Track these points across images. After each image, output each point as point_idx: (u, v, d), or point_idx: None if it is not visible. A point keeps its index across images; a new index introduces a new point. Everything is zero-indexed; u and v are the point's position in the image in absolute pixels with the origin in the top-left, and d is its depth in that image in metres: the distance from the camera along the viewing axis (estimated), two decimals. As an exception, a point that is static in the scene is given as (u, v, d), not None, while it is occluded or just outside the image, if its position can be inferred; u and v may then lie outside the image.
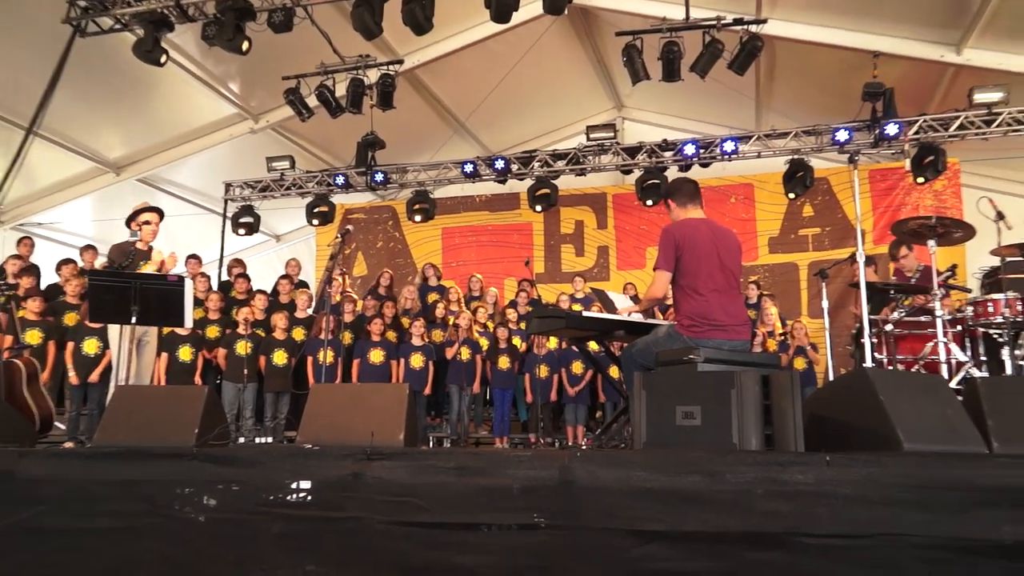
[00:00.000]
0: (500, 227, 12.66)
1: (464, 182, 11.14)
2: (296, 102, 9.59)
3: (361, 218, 13.20)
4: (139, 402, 3.97)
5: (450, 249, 12.81)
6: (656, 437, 3.43)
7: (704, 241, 4.30)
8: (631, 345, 4.56)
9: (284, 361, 8.26)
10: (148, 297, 5.10)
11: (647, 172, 10.15)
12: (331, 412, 3.85)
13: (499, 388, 8.62)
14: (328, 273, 6.05)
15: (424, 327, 8.62)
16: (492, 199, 12.68)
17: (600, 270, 12.13)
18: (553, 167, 10.54)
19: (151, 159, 10.91)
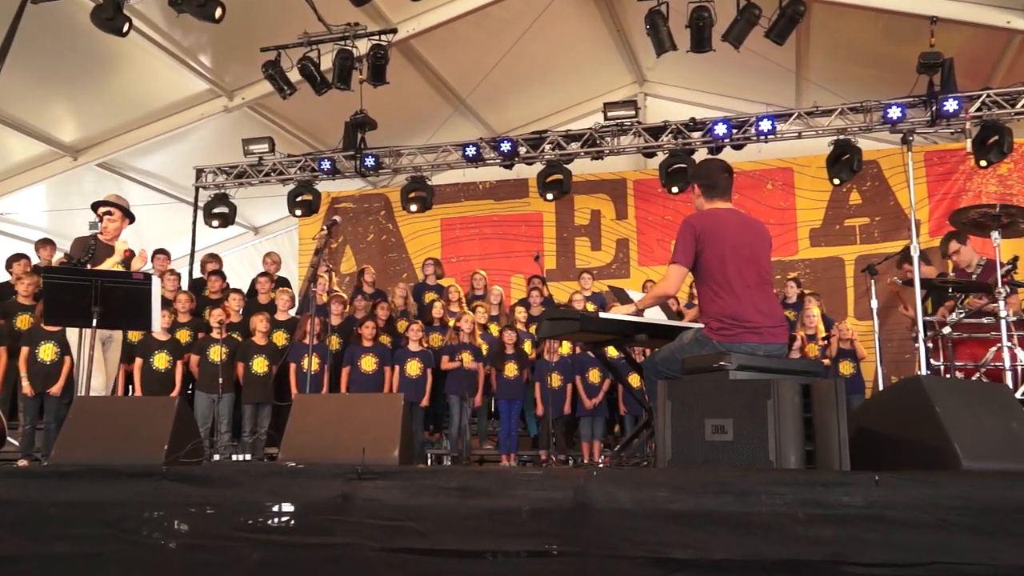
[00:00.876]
0: (506, 218, 12.68)
1: (466, 167, 11.16)
2: (276, 77, 9.63)
3: (350, 208, 13.24)
4: (102, 415, 3.99)
5: (450, 242, 12.83)
6: (683, 454, 3.43)
7: (730, 233, 4.31)
8: (653, 355, 4.57)
9: (264, 369, 8.30)
10: (111, 297, 5.13)
11: (672, 155, 10.15)
12: (317, 426, 3.87)
13: (505, 399, 8.64)
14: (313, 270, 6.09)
15: (422, 330, 8.65)
16: (497, 186, 12.70)
17: (619, 266, 12.14)
18: (566, 150, 10.55)
19: (112, 142, 10.96)
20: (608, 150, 10.50)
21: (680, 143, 10.14)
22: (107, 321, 5.18)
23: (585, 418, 8.55)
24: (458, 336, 8.62)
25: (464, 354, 8.48)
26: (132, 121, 10.76)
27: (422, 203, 11.14)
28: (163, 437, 3.79)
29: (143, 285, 5.25)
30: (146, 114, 10.70)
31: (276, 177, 11.49)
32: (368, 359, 8.45)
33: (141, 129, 10.85)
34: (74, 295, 5.13)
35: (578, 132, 10.60)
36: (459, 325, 8.63)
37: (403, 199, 11.21)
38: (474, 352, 8.59)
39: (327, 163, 11.09)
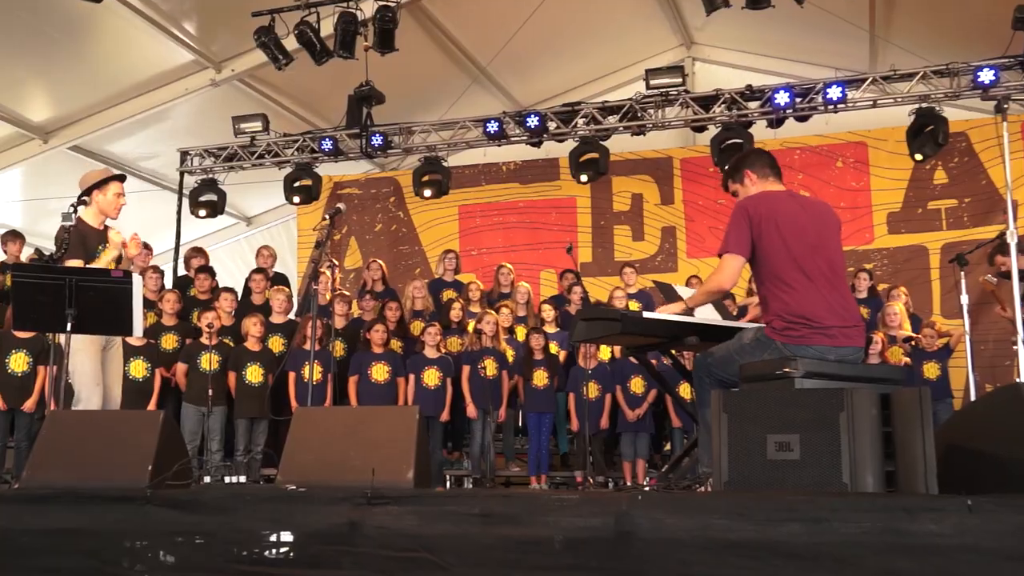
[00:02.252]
0: (534, 204, 12.68)
1: (487, 145, 11.16)
2: (270, 45, 9.68)
3: (355, 194, 13.30)
4: (78, 431, 4.04)
5: (469, 233, 12.86)
6: (741, 475, 3.42)
7: (791, 216, 4.27)
8: (706, 355, 4.54)
9: (259, 379, 8.36)
10: (87, 298, 5.17)
11: (726, 129, 10.09)
12: (320, 444, 3.89)
13: (534, 412, 8.64)
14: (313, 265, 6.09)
15: (440, 334, 8.65)
16: (523, 167, 12.70)
17: (665, 258, 12.10)
18: (602, 124, 10.53)
19: (86, 122, 11.07)
20: (651, 124, 10.45)
21: (735, 115, 10.09)
22: (83, 325, 5.22)
23: (627, 434, 8.53)
24: (479, 340, 8.62)
25: (487, 361, 8.48)
26: (108, 98, 10.86)
27: (437, 188, 11.16)
28: (147, 456, 3.82)
29: (123, 284, 5.28)
30: (123, 90, 10.80)
31: (271, 160, 11.57)
32: (379, 367, 8.48)
33: (118, 107, 10.95)
34: (46, 296, 5.17)
35: (616, 104, 10.57)
36: (480, 327, 8.61)
37: (415, 183, 11.24)
38: (498, 358, 8.59)
39: (329, 143, 11.15)
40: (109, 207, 5.95)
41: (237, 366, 8.39)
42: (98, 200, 5.93)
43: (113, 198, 5.96)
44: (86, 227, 5.84)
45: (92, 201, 5.92)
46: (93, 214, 5.92)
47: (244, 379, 8.35)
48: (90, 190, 5.92)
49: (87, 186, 5.92)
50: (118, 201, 5.99)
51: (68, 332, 5.18)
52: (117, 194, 5.99)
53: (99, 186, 5.94)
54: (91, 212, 5.92)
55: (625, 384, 8.56)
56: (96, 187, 5.93)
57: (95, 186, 5.93)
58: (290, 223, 13.93)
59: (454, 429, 9.13)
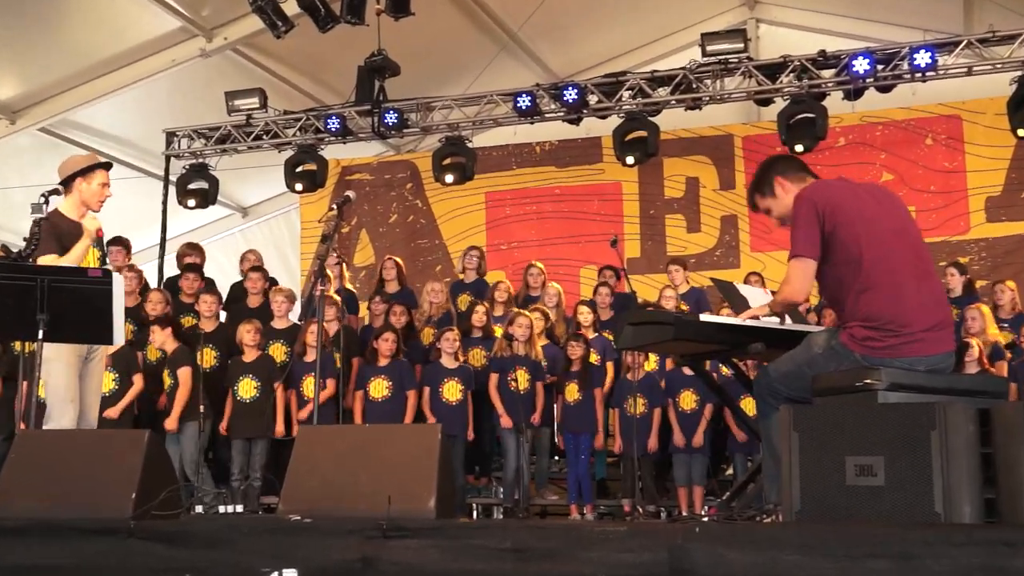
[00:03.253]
0: (572, 190, 12.67)
1: (518, 123, 11.15)
2: (267, 10, 9.72)
3: (366, 180, 13.35)
4: (52, 454, 4.08)
5: (497, 224, 12.87)
6: (815, 503, 3.40)
7: (864, 205, 4.24)
8: (768, 369, 4.51)
9: (253, 393, 8.39)
10: (61, 301, 5.21)
11: (796, 102, 10.03)
12: (328, 467, 3.91)
13: (572, 431, 8.63)
14: (319, 262, 6.10)
15: (458, 340, 8.65)
16: (560, 148, 12.69)
17: (725, 252, 12.04)
18: (652, 97, 10.49)
19: (59, 99, 11.16)
20: (708, 97, 10.40)
21: (805, 85, 10.02)
22: (57, 332, 5.24)
23: (681, 456, 8.49)
24: (510, 347, 8.60)
25: (519, 371, 8.47)
26: (84, 71, 10.94)
27: (460, 172, 11.16)
28: (130, 483, 3.85)
29: (101, 284, 5.31)
30: (102, 62, 10.87)
31: (269, 141, 11.62)
32: (379, 383, 8.42)
33: (95, 82, 11.03)
34: (14, 299, 5.20)
35: (668, 73, 10.53)
36: (511, 331, 8.59)
37: (435, 167, 11.25)
38: (531, 368, 8.57)
39: (336, 121, 11.18)
40: (92, 198, 5.95)
41: (230, 379, 8.43)
42: (80, 189, 5.91)
43: (98, 188, 5.94)
44: (62, 219, 5.84)
45: (74, 190, 5.92)
46: (73, 205, 5.92)
47: (236, 394, 8.38)
48: (72, 178, 5.92)
49: (69, 173, 5.94)
50: (103, 192, 5.97)
51: (40, 341, 5.19)
52: (102, 184, 5.97)
53: (83, 174, 5.93)
54: (71, 203, 5.92)
55: (677, 398, 8.52)
56: (80, 175, 5.92)
57: (78, 173, 5.93)
58: (292, 214, 14.00)
59: (480, 450, 9.13)
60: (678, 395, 8.51)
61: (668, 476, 8.76)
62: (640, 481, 8.14)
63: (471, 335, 9.09)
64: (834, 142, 10.60)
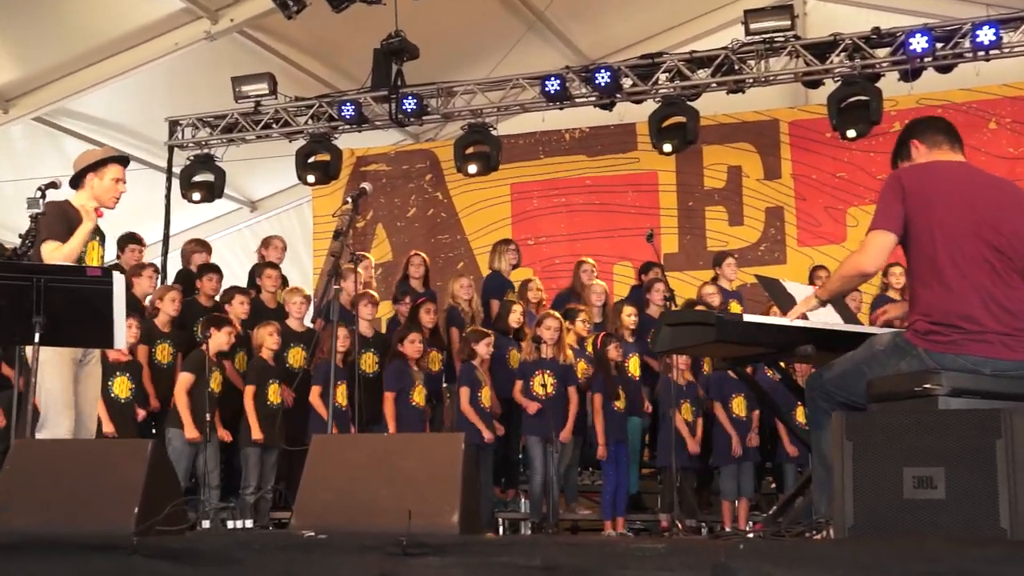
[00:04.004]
0: (605, 180, 12.65)
1: (546, 109, 11.14)
2: (277, -12, 9.77)
3: (383, 171, 13.39)
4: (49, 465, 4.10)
5: (524, 218, 12.87)
6: (871, 518, 3.39)
7: (956, 192, 4.20)
8: (821, 372, 4.49)
9: (278, 399, 8.42)
10: (58, 302, 5.23)
11: (847, 83, 9.97)
12: (344, 479, 3.91)
13: (612, 441, 8.62)
14: (334, 260, 6.13)
15: (490, 344, 8.64)
16: (592, 135, 12.68)
17: (771, 247, 12.00)
18: (690, 80, 10.46)
19: (54, 86, 11.20)
20: (752, 79, 10.37)
21: (858, 65, 9.95)
22: (55, 335, 5.26)
23: (726, 467, 8.47)
24: (537, 350, 8.60)
25: (544, 375, 8.46)
26: (81, 56, 10.97)
27: (484, 162, 11.15)
28: (133, 495, 3.86)
29: (101, 284, 5.33)
30: (100, 46, 10.91)
31: (279, 129, 11.66)
32: (422, 389, 8.50)
33: (93, 67, 11.07)
34: (8, 300, 5.22)
35: (708, 54, 10.50)
36: (539, 333, 8.58)
37: (457, 157, 11.25)
38: (559, 373, 8.56)
39: (350, 108, 11.21)
40: (105, 195, 5.95)
41: (260, 381, 8.44)
42: (92, 185, 5.93)
43: (111, 184, 5.94)
44: (73, 210, 5.84)
45: (86, 186, 5.93)
46: (87, 199, 5.93)
47: (266, 398, 8.41)
48: (83, 173, 5.94)
49: (81, 167, 5.97)
50: (116, 188, 5.97)
51: (36, 344, 5.20)
52: (116, 179, 5.96)
53: (94, 168, 5.94)
54: (83, 198, 5.93)
55: (724, 404, 8.50)
56: (91, 169, 5.94)
57: (89, 168, 5.94)
58: (304, 208, 14.05)
59: (507, 461, 9.13)
60: (725, 401, 8.49)
61: (711, 488, 8.73)
62: (680, 494, 8.11)
63: (508, 335, 9.05)
64: (889, 127, 10.52)
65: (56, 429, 5.59)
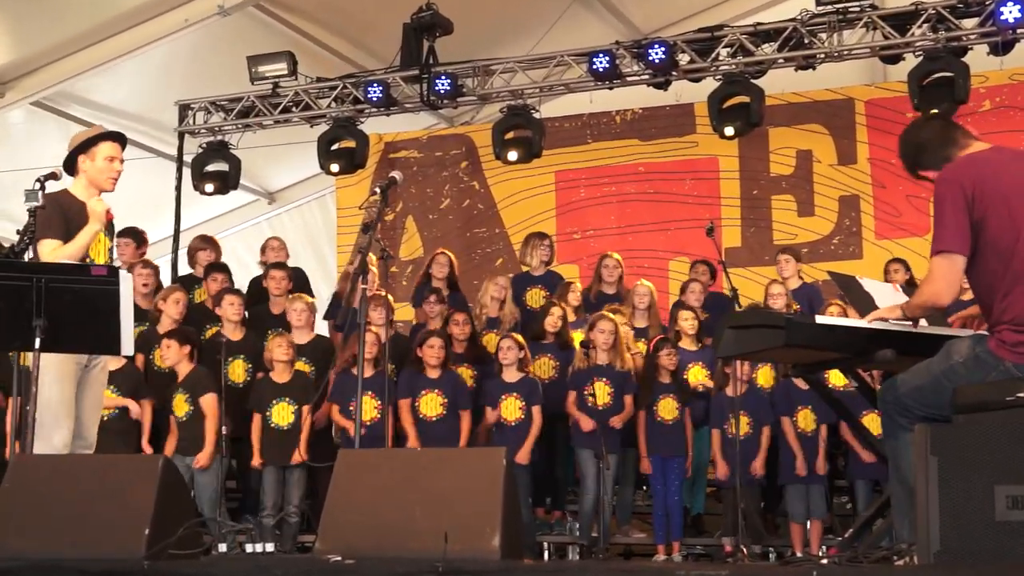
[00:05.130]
0: (660, 167, 12.62)
1: (594, 88, 11.14)
2: (297, -42, 9.82)
3: (413, 158, 13.41)
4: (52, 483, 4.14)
5: (570, 209, 12.87)
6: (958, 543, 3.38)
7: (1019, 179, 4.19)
8: (896, 381, 4.48)
9: (290, 419, 8.45)
10: (60, 304, 5.26)
11: (930, 58, 9.90)
12: (374, 499, 3.93)
13: (662, 455, 8.62)
14: (361, 256, 6.15)
15: (523, 348, 8.64)
16: (645, 117, 12.66)
17: (845, 239, 11.94)
18: (754, 55, 10.43)
19: (55, 67, 11.25)
20: (824, 54, 10.31)
21: (942, 38, 9.87)
22: (56, 340, 5.29)
23: (795, 485, 8.44)
24: (588, 356, 8.60)
25: (598, 384, 8.46)
26: (84, 35, 11.01)
27: (526, 148, 11.16)
28: (143, 516, 3.90)
29: (106, 284, 5.37)
30: (102, 24, 10.95)
31: (300, 113, 11.72)
32: (432, 398, 8.47)
33: (97, 47, 11.10)
34: (6, 302, 5.26)
35: (774, 26, 10.45)
36: (591, 337, 8.58)
37: (496, 142, 11.26)
38: (615, 381, 8.56)
39: (377, 89, 11.21)
40: (99, 175, 5.99)
41: (260, 404, 8.50)
42: (85, 168, 5.98)
43: (104, 164, 5.98)
44: (71, 200, 5.91)
45: (79, 169, 5.98)
46: (83, 187, 5.99)
47: (269, 421, 8.46)
48: (74, 156, 5.97)
49: (71, 150, 5.99)
50: (111, 168, 6.00)
51: (37, 350, 5.24)
52: (109, 158, 5.99)
53: (84, 149, 5.98)
54: (81, 184, 6.00)
55: (791, 416, 8.46)
56: (81, 151, 5.98)
57: (78, 149, 5.97)
58: (327, 200, 14.11)
59: (551, 478, 9.13)
60: (795, 412, 8.45)
61: (778, 509, 8.70)
62: (744, 516, 8.09)
63: (543, 340, 9.08)
64: (978, 106, 10.47)
65: (52, 440, 5.59)
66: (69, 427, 5.74)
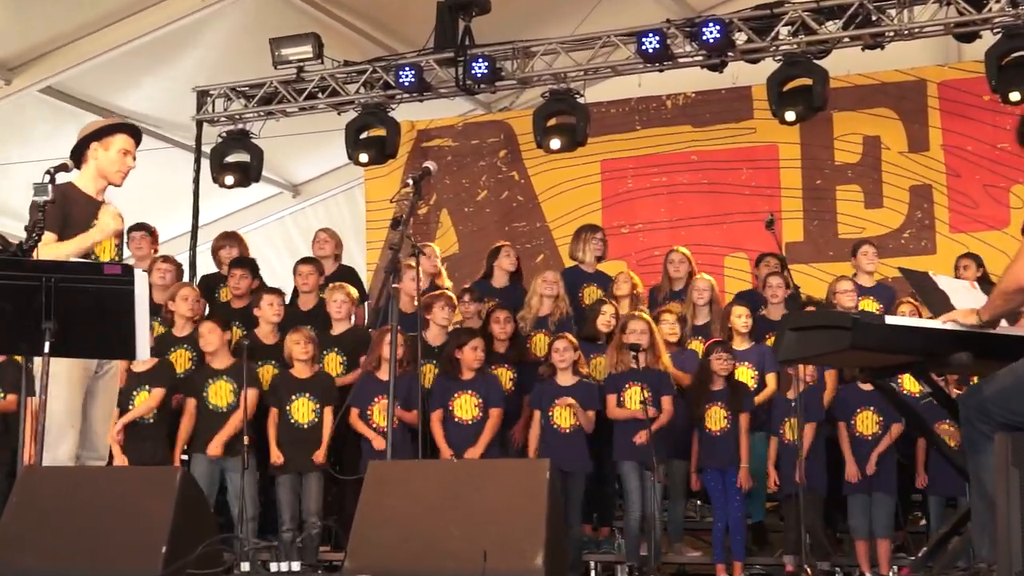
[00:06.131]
0: (715, 155, 12.60)
1: (644, 71, 11.12)
2: (323, -67, 9.86)
3: (448, 147, 13.43)
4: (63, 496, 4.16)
5: (617, 201, 12.86)
6: (1044, 562, 3.35)
7: None
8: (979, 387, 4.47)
9: (310, 417, 8.48)
10: (72, 305, 5.29)
11: (1010, 35, 9.82)
12: (406, 514, 3.93)
13: (716, 467, 8.59)
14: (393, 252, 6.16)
15: (576, 349, 8.64)
16: (698, 102, 12.64)
17: (917, 232, 11.88)
18: (817, 33, 10.37)
19: (64, 52, 11.33)
20: (893, 31, 10.26)
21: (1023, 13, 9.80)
22: (67, 343, 5.31)
23: (859, 497, 8.39)
24: (637, 359, 8.58)
25: (633, 388, 8.44)
26: (95, 20, 11.10)
27: (569, 136, 11.14)
28: (160, 531, 3.92)
29: (120, 283, 5.39)
30: (116, 8, 11.03)
31: (326, 100, 11.76)
32: (466, 400, 8.47)
33: (108, 30, 11.18)
34: (13, 303, 5.28)
35: (838, 2, 10.37)
36: (624, 339, 8.55)
37: (537, 130, 11.24)
38: (654, 385, 8.53)
39: (409, 73, 11.23)
40: (110, 168, 6.01)
41: (278, 399, 8.53)
42: (96, 157, 5.99)
43: (117, 156, 5.99)
44: (76, 193, 5.93)
45: (89, 158, 5.99)
46: (90, 177, 6.02)
47: (289, 418, 8.48)
48: (86, 143, 5.98)
49: (83, 135, 5.99)
50: (123, 161, 6.02)
51: (46, 355, 5.25)
52: (124, 151, 6.01)
53: (98, 137, 5.99)
54: (88, 174, 6.02)
55: (850, 421, 8.42)
56: (94, 138, 5.99)
57: (92, 136, 5.98)
58: (355, 192, 14.16)
59: (599, 491, 9.12)
60: (853, 417, 8.41)
61: (842, 525, 8.66)
62: (806, 531, 8.06)
63: (596, 340, 9.08)
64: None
65: (56, 450, 5.56)
66: (75, 437, 5.75)
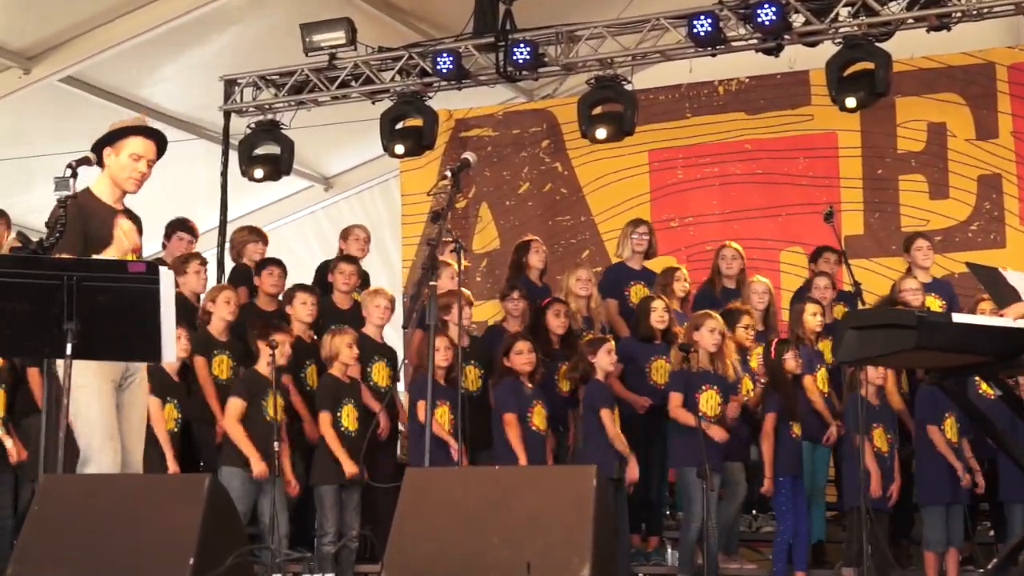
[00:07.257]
0: (771, 144, 12.57)
1: (694, 56, 11.09)
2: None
3: (488, 137, 13.43)
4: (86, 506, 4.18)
5: (667, 194, 12.84)
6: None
7: None
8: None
9: (356, 425, 8.48)
10: (94, 305, 5.31)
11: (1084, 14, 9.76)
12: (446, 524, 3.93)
13: (779, 474, 8.57)
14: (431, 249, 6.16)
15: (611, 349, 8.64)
16: (752, 88, 12.61)
17: (986, 225, 11.81)
18: (879, 14, 10.30)
19: (84, 40, 11.40)
20: (960, 12, 10.18)
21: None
22: (90, 345, 5.34)
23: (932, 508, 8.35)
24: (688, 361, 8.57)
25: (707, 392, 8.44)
26: (116, 6, 11.16)
27: (616, 124, 11.11)
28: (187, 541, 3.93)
29: (144, 282, 5.40)
30: (139, -6, 11.13)
31: (360, 88, 11.78)
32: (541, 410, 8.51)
33: (130, 17, 11.23)
34: (33, 303, 5.29)
35: (901, -19, 10.36)
36: (696, 338, 8.53)
37: (582, 118, 11.22)
38: (723, 389, 8.53)
39: (447, 60, 11.22)
40: (121, 175, 5.96)
41: (333, 403, 8.51)
42: (108, 162, 5.96)
43: (127, 161, 5.93)
44: (94, 203, 5.92)
45: (104, 164, 5.95)
46: (106, 184, 6.01)
47: (340, 424, 8.50)
48: (100, 148, 5.95)
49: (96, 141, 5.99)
50: (133, 167, 5.94)
51: (68, 358, 5.26)
52: (135, 155, 5.94)
53: (111, 141, 5.95)
54: (104, 181, 6.01)
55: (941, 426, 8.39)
56: (107, 142, 5.96)
57: (105, 140, 5.95)
58: (390, 185, 14.18)
59: (647, 500, 9.11)
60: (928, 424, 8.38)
61: (909, 534, 8.61)
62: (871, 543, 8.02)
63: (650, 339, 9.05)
64: None
65: (100, 465, 5.60)
66: (116, 449, 5.74)
